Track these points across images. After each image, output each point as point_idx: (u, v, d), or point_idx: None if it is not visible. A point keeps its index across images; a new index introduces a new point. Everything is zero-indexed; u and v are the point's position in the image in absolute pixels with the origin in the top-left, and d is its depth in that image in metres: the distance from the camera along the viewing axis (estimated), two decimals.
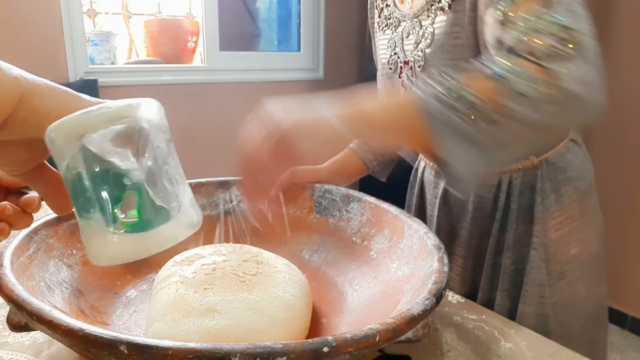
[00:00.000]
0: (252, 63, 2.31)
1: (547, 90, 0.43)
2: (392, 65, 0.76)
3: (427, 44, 0.67)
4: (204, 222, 0.84)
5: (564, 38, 0.45)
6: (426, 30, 0.67)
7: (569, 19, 0.46)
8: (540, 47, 0.45)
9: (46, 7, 1.70)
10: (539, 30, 0.46)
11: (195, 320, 0.49)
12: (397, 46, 0.73)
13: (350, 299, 0.64)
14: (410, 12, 0.71)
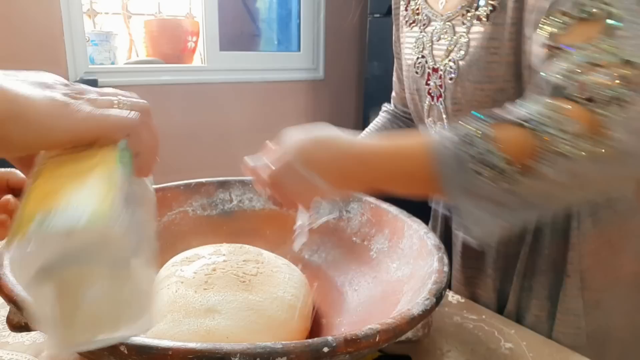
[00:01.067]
0: (252, 63, 2.31)
1: (593, 147, 0.36)
2: (419, 70, 0.69)
3: (461, 56, 0.60)
4: (204, 222, 0.84)
5: (625, 76, 0.37)
6: (460, 38, 0.61)
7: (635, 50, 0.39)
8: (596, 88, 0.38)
9: (46, 7, 1.70)
10: (596, 64, 0.39)
11: (195, 320, 0.49)
12: (425, 48, 0.67)
13: (350, 299, 0.64)
14: (443, 14, 0.64)
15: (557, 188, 0.38)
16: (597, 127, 0.37)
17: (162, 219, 0.77)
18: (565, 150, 0.36)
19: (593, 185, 0.40)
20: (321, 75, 2.52)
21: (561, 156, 0.36)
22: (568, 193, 0.40)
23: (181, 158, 2.13)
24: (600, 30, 0.40)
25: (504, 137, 0.37)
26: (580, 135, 0.36)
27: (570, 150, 0.36)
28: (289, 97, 2.44)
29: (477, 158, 0.37)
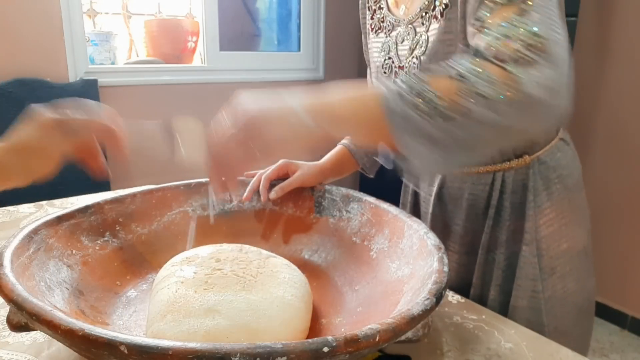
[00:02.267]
0: (252, 63, 2.31)
1: (506, 92, 0.44)
2: (387, 69, 0.77)
3: (422, 51, 0.68)
4: (205, 221, 0.84)
5: (531, 44, 0.46)
6: (421, 37, 0.68)
7: (541, 26, 0.47)
8: (507, 51, 0.46)
9: (46, 7, 1.70)
10: (509, 37, 0.47)
11: (195, 320, 0.49)
12: (391, 50, 0.74)
13: (350, 299, 0.64)
14: (405, 18, 0.72)
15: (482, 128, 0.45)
16: (510, 79, 0.45)
17: (162, 219, 0.77)
18: (483, 92, 0.44)
19: (511, 128, 0.47)
20: (321, 75, 2.52)
21: (481, 96, 0.44)
22: (491, 134, 0.47)
23: None
24: (515, 12, 0.49)
25: (435, 82, 0.45)
26: (496, 81, 0.45)
27: (488, 92, 0.44)
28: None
29: (414, 92, 0.45)
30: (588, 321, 0.80)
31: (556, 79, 0.46)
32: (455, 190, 0.78)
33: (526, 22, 0.48)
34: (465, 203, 0.77)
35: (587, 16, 1.97)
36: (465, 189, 0.77)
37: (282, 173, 0.83)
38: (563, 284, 0.74)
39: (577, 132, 2.10)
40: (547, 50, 0.46)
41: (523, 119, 0.46)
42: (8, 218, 0.97)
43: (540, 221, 0.72)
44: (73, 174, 1.96)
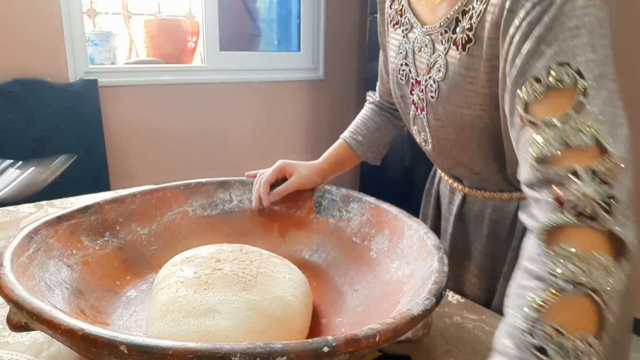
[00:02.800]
0: (252, 63, 2.31)
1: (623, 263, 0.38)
2: (403, 77, 0.70)
3: (440, 77, 0.60)
4: (204, 222, 0.84)
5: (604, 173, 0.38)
6: (439, 58, 0.60)
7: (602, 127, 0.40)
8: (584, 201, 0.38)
9: (46, 7, 1.70)
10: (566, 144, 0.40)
11: (195, 320, 0.49)
12: (408, 56, 0.67)
13: (350, 299, 0.64)
14: (424, 25, 0.63)
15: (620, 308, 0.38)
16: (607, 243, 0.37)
17: (162, 219, 0.77)
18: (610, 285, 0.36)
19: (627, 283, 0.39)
20: (321, 75, 2.52)
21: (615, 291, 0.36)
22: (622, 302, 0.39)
23: (181, 158, 2.13)
24: (571, 104, 0.42)
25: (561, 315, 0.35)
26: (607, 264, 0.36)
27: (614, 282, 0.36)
28: (289, 97, 2.44)
29: None
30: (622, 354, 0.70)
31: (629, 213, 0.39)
32: (476, 213, 0.73)
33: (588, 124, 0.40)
34: (486, 229, 0.72)
35: None
36: (487, 213, 0.71)
37: (280, 176, 0.82)
38: None
39: None
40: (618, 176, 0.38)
41: None
42: (8, 218, 0.97)
43: None
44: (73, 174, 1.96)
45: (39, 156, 1.69)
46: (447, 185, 0.78)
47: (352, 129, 0.87)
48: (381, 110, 0.88)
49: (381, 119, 0.87)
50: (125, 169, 1.99)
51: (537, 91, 0.44)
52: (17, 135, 1.66)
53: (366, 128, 0.86)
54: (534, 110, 0.44)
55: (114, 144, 1.93)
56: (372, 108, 0.89)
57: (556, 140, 0.41)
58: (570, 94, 0.42)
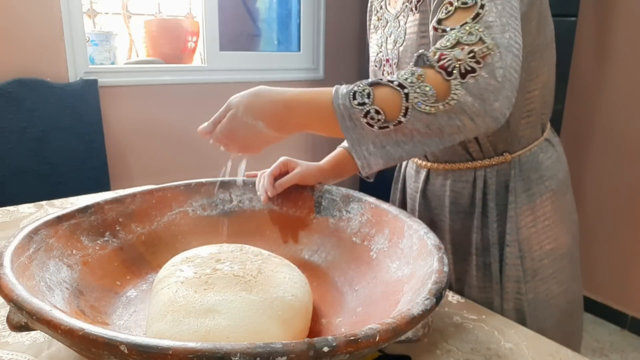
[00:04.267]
0: (252, 63, 2.31)
1: (438, 105, 0.51)
2: (377, 63, 0.79)
3: (400, 43, 0.71)
4: (204, 222, 0.84)
5: (474, 52, 0.51)
6: (401, 30, 0.71)
7: (492, 31, 0.52)
8: (449, 59, 0.52)
9: (46, 7, 1.70)
10: (460, 42, 0.53)
11: (195, 320, 0.49)
12: (382, 44, 0.77)
13: (350, 299, 0.64)
14: (393, 13, 0.74)
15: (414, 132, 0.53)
16: (443, 89, 0.51)
17: (162, 219, 0.77)
18: (424, 109, 0.52)
19: (442, 130, 0.53)
20: (321, 75, 2.52)
21: (420, 111, 0.52)
22: (423, 136, 0.54)
23: (181, 158, 2.13)
24: (470, 15, 0.54)
25: (379, 95, 0.53)
26: (429, 94, 0.51)
27: (428, 109, 0.52)
28: None
29: (359, 109, 0.53)
30: (573, 324, 0.79)
31: (491, 87, 0.51)
32: (438, 187, 0.79)
33: (478, 28, 0.53)
34: (447, 200, 0.77)
35: (587, 16, 1.97)
36: (447, 186, 0.77)
37: (283, 170, 0.83)
38: (546, 286, 0.73)
39: (576, 131, 2.11)
40: (489, 58, 0.51)
41: (452, 123, 0.53)
42: (8, 218, 0.97)
43: (522, 222, 0.72)
44: (73, 174, 1.96)
45: (38, 156, 1.69)
46: (413, 165, 0.85)
47: None
48: None
49: None
50: (125, 169, 1.99)
51: (449, 10, 0.56)
52: (17, 135, 1.66)
53: None
54: (445, 23, 0.56)
55: (114, 144, 1.93)
56: None
57: (452, 39, 0.53)
58: (472, 10, 0.54)
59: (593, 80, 2.04)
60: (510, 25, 0.54)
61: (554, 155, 0.76)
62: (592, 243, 2.08)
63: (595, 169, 2.07)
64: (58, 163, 1.74)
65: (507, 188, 0.73)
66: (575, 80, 2.05)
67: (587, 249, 2.05)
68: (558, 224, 0.74)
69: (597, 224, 2.08)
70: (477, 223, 0.75)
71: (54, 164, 1.74)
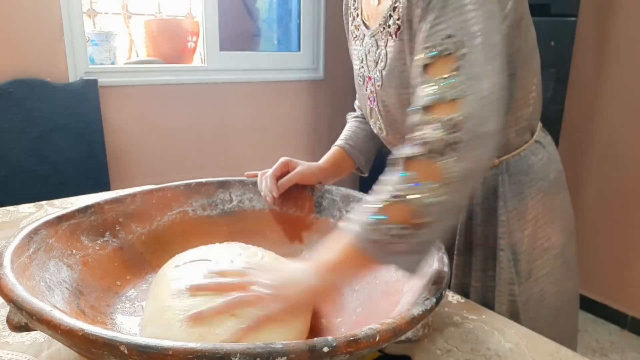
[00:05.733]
0: (252, 63, 2.31)
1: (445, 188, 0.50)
2: (360, 78, 0.78)
3: (382, 66, 0.70)
4: (204, 222, 0.84)
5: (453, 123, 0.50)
6: (381, 52, 0.70)
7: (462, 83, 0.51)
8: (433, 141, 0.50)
9: (46, 7, 1.70)
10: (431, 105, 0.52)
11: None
12: (363, 60, 0.75)
13: (350, 299, 0.64)
14: (369, 30, 0.72)
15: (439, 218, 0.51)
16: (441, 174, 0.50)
17: (162, 219, 0.77)
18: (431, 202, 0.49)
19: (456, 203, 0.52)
20: (321, 75, 2.52)
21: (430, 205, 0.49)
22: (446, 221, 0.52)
23: (181, 158, 2.13)
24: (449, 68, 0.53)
25: (392, 214, 0.50)
26: (435, 188, 0.49)
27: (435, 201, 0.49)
28: (289, 97, 2.43)
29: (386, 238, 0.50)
30: (569, 324, 0.79)
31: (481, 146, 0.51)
32: None
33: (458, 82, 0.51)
34: None
35: (586, 16, 1.97)
36: None
37: (284, 170, 0.83)
38: (540, 287, 0.74)
39: (576, 131, 2.11)
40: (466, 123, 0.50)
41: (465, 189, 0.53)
42: (8, 218, 0.97)
43: (514, 226, 0.72)
44: (73, 174, 1.95)
45: (38, 156, 1.69)
46: None
47: (344, 137, 0.91)
48: (364, 123, 0.92)
49: (367, 128, 0.90)
50: (125, 169, 1.99)
51: (431, 57, 0.54)
52: (17, 135, 1.66)
53: (356, 136, 0.91)
54: (427, 70, 0.55)
55: (114, 144, 1.93)
56: (356, 121, 0.94)
57: (436, 94, 0.52)
58: (454, 59, 0.53)
59: (593, 80, 2.04)
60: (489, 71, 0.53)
61: (545, 156, 0.75)
62: (592, 243, 2.08)
63: (595, 169, 2.07)
64: (58, 163, 1.74)
65: (495, 193, 0.73)
66: (575, 80, 2.05)
67: (587, 248, 2.05)
68: (550, 224, 0.74)
69: (597, 223, 2.08)
70: (461, 226, 0.76)
71: (54, 164, 1.74)
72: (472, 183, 0.54)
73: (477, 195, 0.74)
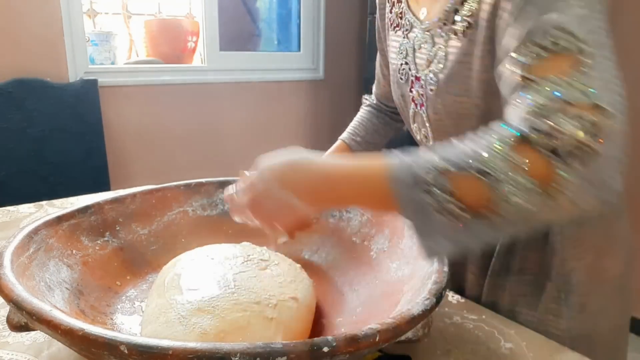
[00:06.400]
0: (252, 63, 2.31)
1: (544, 201, 0.39)
2: (403, 76, 0.70)
3: (440, 68, 0.62)
4: (204, 222, 0.84)
5: (595, 124, 0.39)
6: (439, 50, 0.61)
7: (602, 92, 0.41)
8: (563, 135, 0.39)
9: (46, 7, 1.70)
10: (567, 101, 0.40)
11: (195, 320, 0.49)
12: (408, 55, 0.68)
13: (350, 299, 0.64)
14: (423, 22, 0.65)
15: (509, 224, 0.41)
16: (551, 184, 0.39)
17: (162, 219, 0.77)
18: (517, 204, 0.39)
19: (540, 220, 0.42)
20: (321, 75, 2.52)
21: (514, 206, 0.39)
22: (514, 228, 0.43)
23: (181, 158, 2.13)
24: (572, 66, 0.42)
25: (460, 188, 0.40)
26: (534, 191, 0.39)
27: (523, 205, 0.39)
28: (289, 97, 2.44)
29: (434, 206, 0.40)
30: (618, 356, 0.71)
31: (610, 169, 0.40)
32: None
33: (588, 85, 0.40)
34: None
35: None
36: None
37: None
38: (594, 322, 0.66)
39: None
40: (609, 132, 0.39)
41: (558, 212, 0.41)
42: (8, 218, 0.97)
43: (568, 254, 0.64)
44: (73, 174, 1.95)
45: (38, 156, 1.69)
46: None
47: (351, 130, 0.88)
48: (378, 112, 0.89)
49: (379, 121, 0.88)
50: (125, 169, 1.99)
51: (538, 54, 0.44)
52: (17, 135, 1.66)
53: (364, 129, 0.87)
54: (535, 70, 0.44)
55: (114, 144, 1.93)
56: (369, 110, 0.90)
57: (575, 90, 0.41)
58: (573, 59, 0.42)
59: None
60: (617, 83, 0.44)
61: None
62: None
63: None
64: (58, 163, 1.74)
65: None
66: None
67: None
68: (611, 253, 0.66)
69: None
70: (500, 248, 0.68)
71: (54, 164, 1.74)
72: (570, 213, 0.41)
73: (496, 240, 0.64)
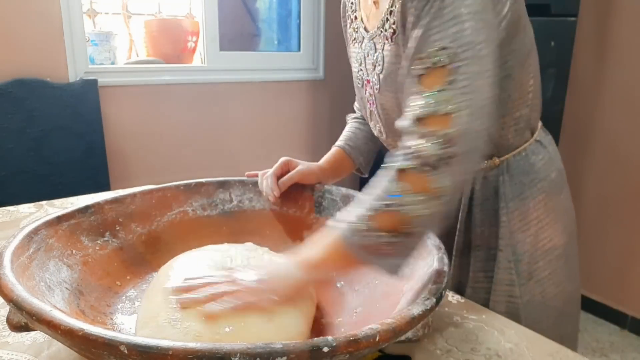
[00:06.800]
0: (252, 63, 2.31)
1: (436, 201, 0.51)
2: (359, 81, 0.79)
3: (380, 70, 0.70)
4: (204, 222, 0.84)
5: (447, 137, 0.50)
6: (379, 55, 0.69)
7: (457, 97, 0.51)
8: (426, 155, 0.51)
9: (46, 7, 1.70)
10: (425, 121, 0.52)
11: (195, 322, 0.49)
12: (362, 63, 0.75)
13: (350, 299, 0.64)
14: (368, 32, 0.72)
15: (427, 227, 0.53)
16: (433, 189, 0.51)
17: (162, 219, 0.77)
18: (420, 214, 0.51)
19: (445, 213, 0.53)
20: (321, 75, 2.52)
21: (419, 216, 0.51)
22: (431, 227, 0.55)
23: (181, 158, 2.13)
24: (441, 79, 0.53)
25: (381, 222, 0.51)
26: (425, 200, 0.50)
27: (424, 212, 0.51)
28: (289, 97, 2.43)
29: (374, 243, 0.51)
30: (570, 324, 0.79)
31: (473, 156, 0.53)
32: None
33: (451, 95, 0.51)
34: None
35: (586, 16, 1.97)
36: None
37: (284, 170, 0.83)
38: (542, 288, 0.73)
39: (576, 131, 2.11)
40: (460, 134, 0.51)
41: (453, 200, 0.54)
42: (8, 218, 0.97)
43: (515, 226, 0.72)
44: (73, 174, 1.95)
45: (38, 156, 1.69)
46: None
47: (344, 138, 0.92)
48: (364, 124, 0.92)
49: (367, 129, 0.91)
50: (125, 169, 1.99)
51: (424, 67, 0.54)
52: (17, 135, 1.66)
53: (356, 136, 0.91)
54: (421, 81, 0.55)
55: (114, 144, 1.93)
56: (355, 122, 0.94)
57: (430, 107, 0.52)
58: (448, 71, 0.52)
59: (593, 80, 2.04)
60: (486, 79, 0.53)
61: (546, 156, 0.75)
62: (592, 243, 2.08)
63: (595, 169, 2.07)
64: (58, 163, 1.74)
65: (496, 194, 0.72)
66: (575, 80, 2.04)
67: (587, 248, 2.04)
68: (552, 225, 0.74)
69: (597, 223, 2.08)
70: (460, 226, 0.76)
71: (54, 163, 1.73)
72: (461, 191, 0.55)
73: (477, 197, 0.74)
